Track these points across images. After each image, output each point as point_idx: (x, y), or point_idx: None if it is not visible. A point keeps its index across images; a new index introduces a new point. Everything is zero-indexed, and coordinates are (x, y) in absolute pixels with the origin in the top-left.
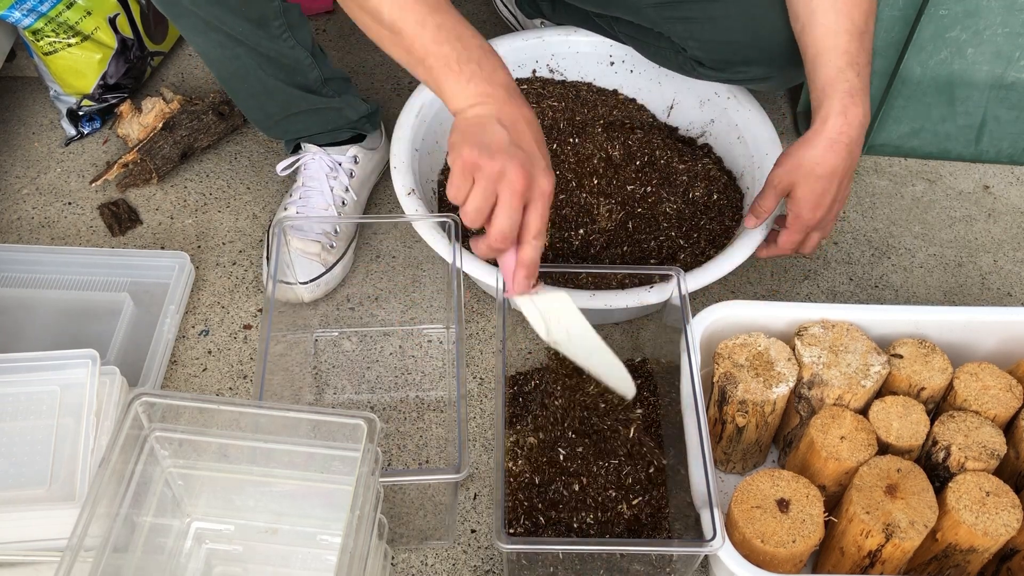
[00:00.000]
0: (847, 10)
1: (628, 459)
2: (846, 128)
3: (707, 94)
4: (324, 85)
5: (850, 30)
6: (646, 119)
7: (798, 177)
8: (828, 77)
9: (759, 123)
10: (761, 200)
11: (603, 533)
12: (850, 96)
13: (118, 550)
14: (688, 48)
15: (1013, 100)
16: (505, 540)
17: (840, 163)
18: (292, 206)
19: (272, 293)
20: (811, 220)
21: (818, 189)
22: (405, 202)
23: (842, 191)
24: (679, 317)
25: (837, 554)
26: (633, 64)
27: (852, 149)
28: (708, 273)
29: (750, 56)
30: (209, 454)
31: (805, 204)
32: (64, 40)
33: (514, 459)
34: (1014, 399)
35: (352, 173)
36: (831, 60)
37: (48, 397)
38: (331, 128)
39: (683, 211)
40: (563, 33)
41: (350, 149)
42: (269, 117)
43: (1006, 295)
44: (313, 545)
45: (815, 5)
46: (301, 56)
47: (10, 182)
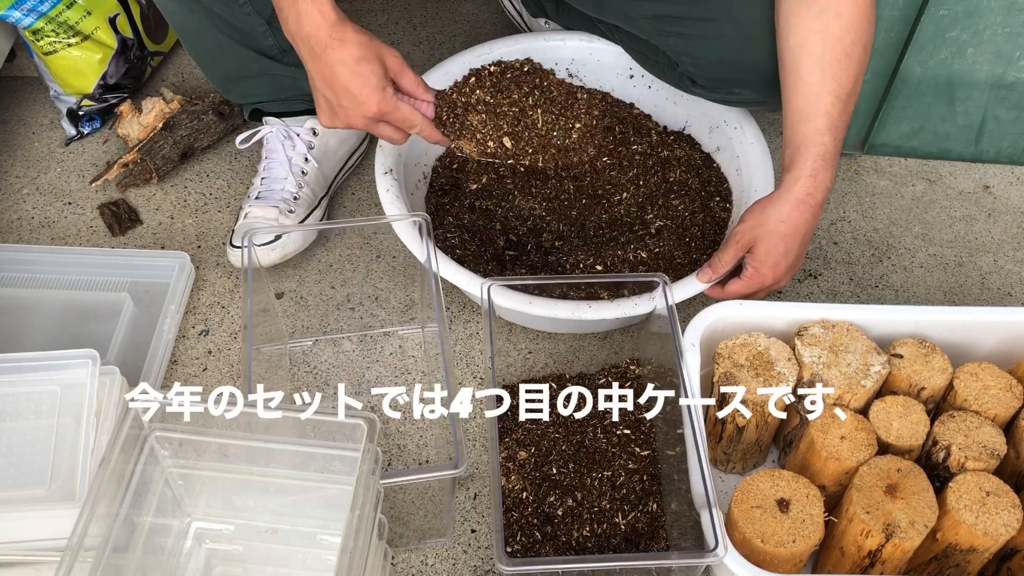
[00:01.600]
0: (834, 72)
1: (622, 469)
2: (814, 191)
3: (717, 121)
4: (282, 54)
5: (835, 92)
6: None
7: (761, 234)
8: (804, 136)
9: (758, 158)
10: (721, 254)
11: (601, 546)
12: (823, 160)
13: (118, 550)
14: (681, 63)
15: (1013, 100)
16: (506, 562)
17: (804, 224)
18: (257, 178)
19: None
20: (769, 278)
21: (780, 248)
22: (380, 181)
23: (801, 252)
24: (664, 325)
25: (837, 554)
26: (652, 80)
27: (816, 211)
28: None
29: (743, 78)
30: (209, 454)
31: (766, 262)
32: (64, 40)
33: (507, 475)
34: (1014, 399)
35: (311, 144)
36: (810, 120)
37: (48, 397)
38: (285, 96)
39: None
40: (586, 39)
41: (307, 120)
42: (226, 77)
43: (1006, 295)
44: (313, 545)
45: (802, 60)
46: (255, 23)
47: (10, 182)
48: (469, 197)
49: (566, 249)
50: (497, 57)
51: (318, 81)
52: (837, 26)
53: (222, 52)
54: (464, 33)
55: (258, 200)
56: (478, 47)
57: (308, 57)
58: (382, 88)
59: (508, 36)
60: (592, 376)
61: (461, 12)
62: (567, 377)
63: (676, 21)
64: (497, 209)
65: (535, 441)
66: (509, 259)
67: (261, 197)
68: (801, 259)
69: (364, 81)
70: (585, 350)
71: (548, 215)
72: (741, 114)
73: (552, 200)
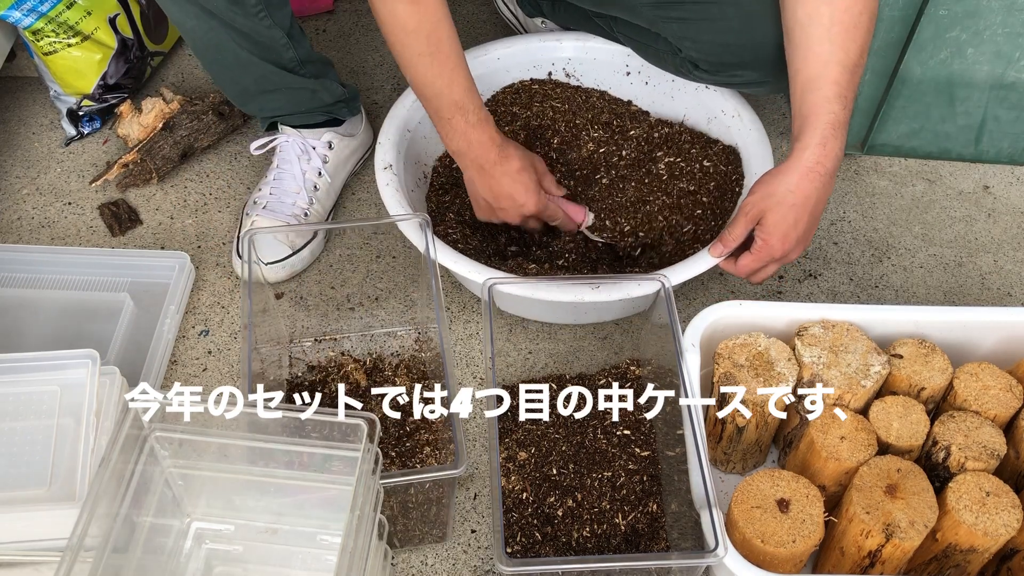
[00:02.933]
0: (842, 42)
1: (622, 470)
2: (823, 159)
3: (715, 111)
4: (301, 66)
5: (843, 61)
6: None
7: (770, 204)
8: (814, 105)
9: (755, 145)
10: (731, 228)
11: (601, 546)
12: (832, 128)
13: (118, 550)
14: (683, 49)
15: (1013, 100)
16: (506, 563)
17: (814, 193)
18: (266, 187)
19: (249, 307)
20: (778, 250)
21: (789, 218)
22: (380, 176)
23: (812, 224)
24: (664, 315)
25: (837, 554)
26: (649, 75)
27: (827, 181)
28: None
29: (745, 59)
30: (209, 454)
31: (775, 233)
32: (64, 40)
33: (507, 475)
34: (1014, 399)
35: (326, 158)
36: (820, 88)
37: (48, 397)
38: (305, 109)
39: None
40: (581, 38)
41: (325, 133)
42: (244, 92)
43: (1006, 295)
44: (313, 545)
45: (811, 32)
46: (276, 36)
47: (10, 182)
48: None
49: (569, 244)
50: (495, 57)
51: (482, 189)
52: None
53: (243, 67)
54: (463, 33)
55: (266, 210)
56: (476, 48)
57: (476, 172)
58: (537, 192)
59: (506, 37)
60: (592, 376)
61: (460, 12)
62: (567, 377)
63: (678, 6)
64: None
65: (535, 441)
66: (511, 255)
67: (270, 208)
68: (812, 231)
69: (524, 188)
70: (585, 350)
71: None
72: (739, 103)
73: None
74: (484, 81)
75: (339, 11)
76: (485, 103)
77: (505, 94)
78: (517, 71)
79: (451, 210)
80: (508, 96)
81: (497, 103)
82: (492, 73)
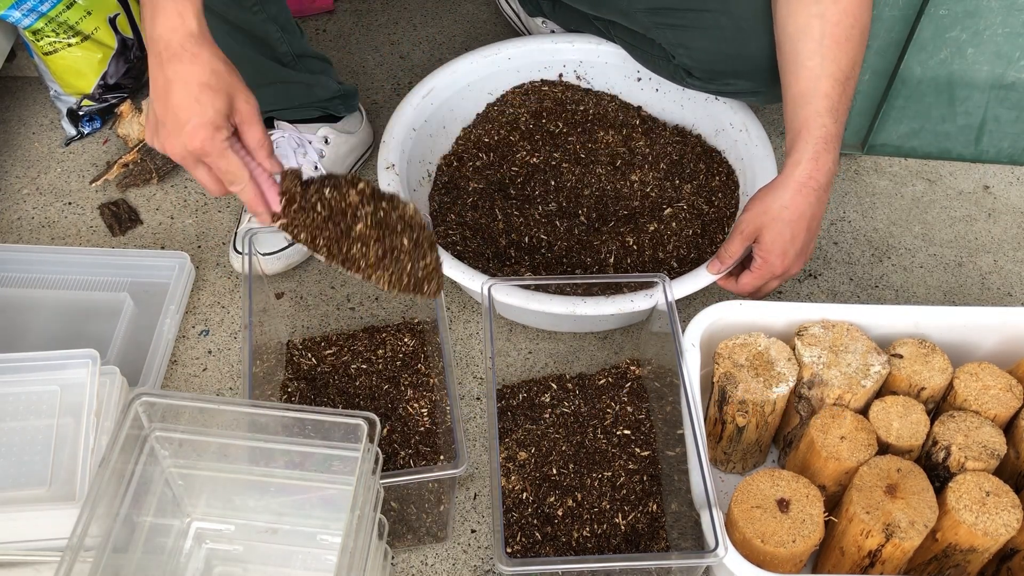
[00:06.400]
0: (833, 56)
1: (622, 470)
2: (816, 174)
3: (723, 124)
4: (296, 60)
5: (834, 75)
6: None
7: (766, 221)
8: (806, 120)
9: (761, 160)
10: (727, 245)
11: (601, 546)
12: (824, 142)
13: (118, 550)
14: (677, 56)
15: (1013, 100)
16: (506, 563)
17: (808, 208)
18: None
19: (250, 305)
20: (778, 267)
21: (786, 235)
22: (382, 176)
23: (810, 238)
24: (664, 324)
25: (837, 554)
26: (659, 83)
27: (820, 195)
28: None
29: (737, 69)
30: (209, 454)
31: (773, 250)
32: (64, 40)
33: (507, 475)
34: (1014, 399)
35: (322, 153)
36: (811, 103)
37: (48, 397)
38: (299, 104)
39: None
40: (592, 41)
41: (321, 128)
42: None
43: (1006, 295)
44: (313, 545)
45: (801, 46)
46: (271, 30)
47: (10, 182)
48: (472, 196)
49: (569, 246)
50: (506, 57)
51: (153, 91)
52: (835, 10)
53: (238, 61)
54: (464, 33)
55: None
56: (486, 47)
57: (153, 62)
58: (215, 127)
59: (518, 37)
60: (592, 376)
61: (461, 12)
62: (567, 377)
63: (673, 13)
64: (499, 208)
65: (535, 441)
66: (511, 257)
67: None
68: (811, 245)
69: (199, 111)
70: (585, 350)
71: (553, 214)
72: (747, 117)
73: (556, 197)
74: (494, 80)
75: (339, 11)
76: (494, 101)
77: (515, 94)
78: (527, 71)
79: (452, 211)
80: (517, 96)
81: (506, 103)
82: (502, 72)
